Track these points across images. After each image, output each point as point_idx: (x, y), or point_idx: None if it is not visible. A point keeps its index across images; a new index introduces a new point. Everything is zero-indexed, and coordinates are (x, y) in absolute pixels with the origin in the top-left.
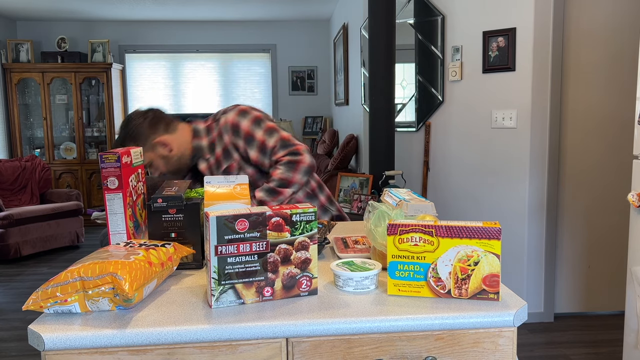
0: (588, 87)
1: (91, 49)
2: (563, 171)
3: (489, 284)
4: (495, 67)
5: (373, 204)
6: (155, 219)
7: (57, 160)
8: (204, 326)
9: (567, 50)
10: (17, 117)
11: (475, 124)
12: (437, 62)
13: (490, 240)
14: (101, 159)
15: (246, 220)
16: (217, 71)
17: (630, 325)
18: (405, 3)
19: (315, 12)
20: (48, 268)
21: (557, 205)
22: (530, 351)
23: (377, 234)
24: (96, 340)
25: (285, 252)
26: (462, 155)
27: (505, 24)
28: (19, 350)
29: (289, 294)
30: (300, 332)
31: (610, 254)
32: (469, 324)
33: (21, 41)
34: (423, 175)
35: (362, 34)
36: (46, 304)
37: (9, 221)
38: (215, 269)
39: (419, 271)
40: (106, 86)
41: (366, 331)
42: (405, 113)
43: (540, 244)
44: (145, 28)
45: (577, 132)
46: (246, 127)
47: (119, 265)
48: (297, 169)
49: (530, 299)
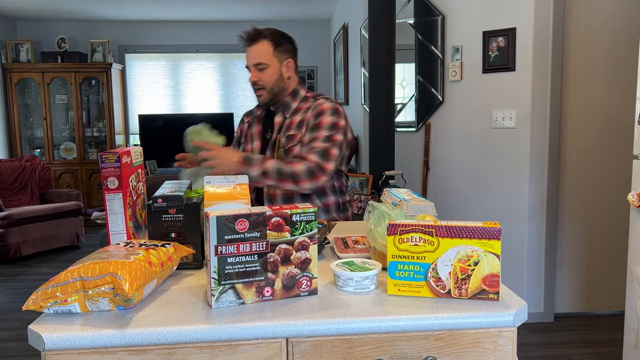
0: (588, 87)
1: (91, 49)
2: (563, 171)
3: (489, 284)
4: (495, 67)
5: (373, 204)
6: (155, 219)
7: (57, 160)
8: (204, 326)
9: (567, 50)
10: (17, 117)
11: (475, 124)
12: (437, 62)
13: (490, 240)
14: (101, 159)
15: (246, 220)
16: (217, 71)
17: (630, 325)
18: (405, 3)
19: (315, 12)
20: (48, 268)
21: (557, 205)
22: (530, 351)
23: (377, 234)
24: (96, 340)
25: (285, 252)
26: (462, 156)
27: (505, 24)
28: (19, 350)
29: (289, 294)
30: (300, 332)
31: (610, 254)
32: (469, 324)
33: (21, 41)
34: (423, 175)
35: (362, 34)
36: (46, 304)
37: (9, 221)
38: (215, 269)
39: (419, 271)
40: (106, 86)
41: (366, 331)
42: (405, 113)
43: (540, 244)
44: (145, 28)
45: (577, 132)
46: (325, 121)
47: (119, 265)
48: (308, 178)
49: (530, 299)
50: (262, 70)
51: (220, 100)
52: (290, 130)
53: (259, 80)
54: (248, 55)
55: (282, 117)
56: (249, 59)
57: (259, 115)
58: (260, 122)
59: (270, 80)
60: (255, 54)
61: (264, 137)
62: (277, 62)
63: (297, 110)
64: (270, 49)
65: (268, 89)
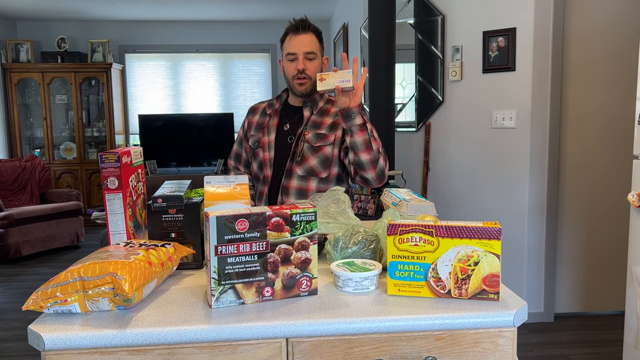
0: (588, 87)
1: (91, 49)
2: (563, 171)
3: (489, 284)
4: (495, 67)
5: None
6: (155, 219)
7: (57, 160)
8: (204, 326)
9: (567, 50)
10: (17, 117)
11: (475, 124)
12: (437, 62)
13: (490, 240)
14: (101, 159)
15: (246, 220)
16: (217, 71)
17: (630, 325)
18: (405, 3)
19: (315, 12)
20: (48, 268)
21: (557, 205)
22: (530, 351)
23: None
24: (96, 340)
25: (285, 252)
26: (462, 155)
27: (505, 24)
28: (19, 350)
29: (289, 294)
30: (300, 332)
31: (610, 254)
32: (469, 324)
33: (21, 41)
34: (423, 175)
35: (362, 34)
36: (46, 304)
37: (9, 221)
38: (215, 269)
39: (419, 271)
40: (106, 86)
41: (366, 331)
42: (405, 113)
43: (540, 244)
44: (145, 28)
45: (577, 132)
46: None
47: (119, 265)
48: (382, 165)
49: (530, 299)
50: (311, 60)
51: (220, 100)
52: (320, 129)
53: (306, 68)
54: (296, 43)
55: (310, 112)
56: (298, 46)
57: (278, 109)
58: (278, 115)
59: (315, 72)
60: (306, 42)
61: (279, 129)
62: (320, 56)
63: (325, 111)
64: (317, 42)
65: (312, 80)
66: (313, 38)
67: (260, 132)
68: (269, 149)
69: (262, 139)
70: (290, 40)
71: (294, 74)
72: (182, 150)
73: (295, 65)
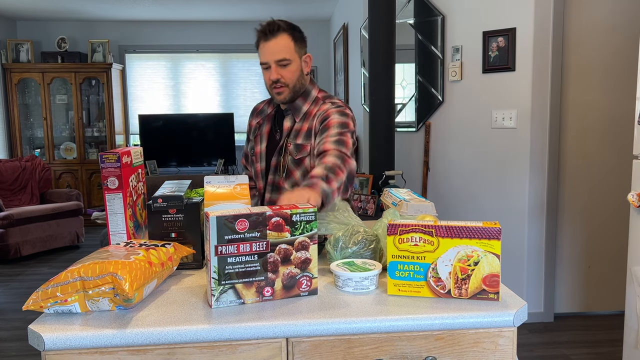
0: (588, 87)
1: (91, 49)
2: (563, 171)
3: (489, 284)
4: (495, 67)
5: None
6: (155, 219)
7: (57, 160)
8: (204, 326)
9: (567, 50)
10: (17, 117)
11: (475, 124)
12: (437, 62)
13: (490, 240)
14: (101, 159)
15: (246, 220)
16: (217, 71)
17: (630, 325)
18: (405, 3)
19: (315, 12)
20: (48, 268)
21: (557, 205)
22: (530, 351)
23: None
24: (96, 340)
25: (285, 252)
26: (462, 155)
27: (505, 24)
28: (19, 350)
29: (289, 294)
30: (300, 332)
31: (610, 254)
32: (469, 324)
33: (21, 41)
34: (423, 175)
35: (362, 34)
36: (46, 304)
37: (9, 221)
38: (215, 269)
39: (419, 271)
40: (106, 86)
41: (366, 331)
42: (405, 113)
43: (540, 244)
44: (145, 28)
45: (576, 132)
46: (333, 121)
47: (119, 265)
48: (346, 170)
49: (530, 299)
50: (284, 67)
51: (220, 100)
52: (298, 138)
53: (281, 77)
54: (266, 51)
55: (292, 121)
56: (269, 54)
57: (269, 114)
58: (270, 121)
59: (292, 78)
60: (276, 48)
61: (271, 138)
62: (298, 58)
63: (308, 114)
64: (291, 43)
65: (290, 86)
66: (285, 40)
67: (255, 141)
68: (260, 159)
69: (256, 148)
70: (262, 48)
71: (269, 83)
72: (182, 150)
73: (269, 74)
